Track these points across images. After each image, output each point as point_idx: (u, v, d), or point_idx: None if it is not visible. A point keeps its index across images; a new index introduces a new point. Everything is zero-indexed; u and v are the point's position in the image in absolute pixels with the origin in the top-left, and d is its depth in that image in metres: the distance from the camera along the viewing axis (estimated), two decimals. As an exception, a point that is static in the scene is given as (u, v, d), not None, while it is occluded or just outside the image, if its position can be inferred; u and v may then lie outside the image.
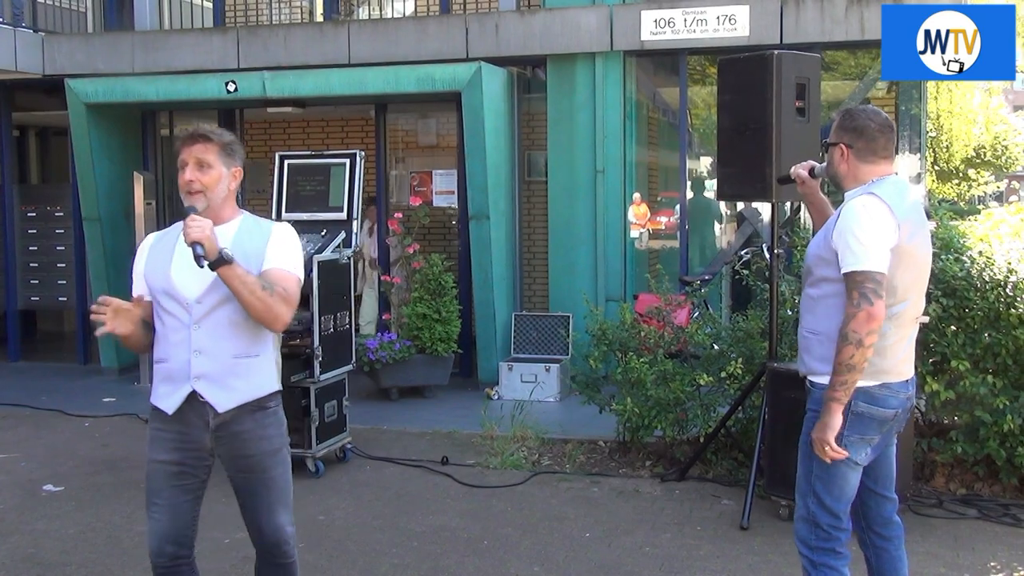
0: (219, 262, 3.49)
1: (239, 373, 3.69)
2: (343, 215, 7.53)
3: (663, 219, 11.36)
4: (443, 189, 10.92)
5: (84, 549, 5.73)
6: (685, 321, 7.68)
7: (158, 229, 10.23)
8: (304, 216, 7.57)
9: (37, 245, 11.84)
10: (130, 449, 7.94)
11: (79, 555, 5.63)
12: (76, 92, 10.34)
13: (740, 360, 6.79)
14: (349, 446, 7.54)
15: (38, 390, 10.06)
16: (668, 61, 10.42)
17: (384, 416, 8.83)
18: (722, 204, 11.34)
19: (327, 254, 7.19)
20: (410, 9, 12.89)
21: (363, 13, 12.94)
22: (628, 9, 9.73)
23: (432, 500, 6.58)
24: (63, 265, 11.74)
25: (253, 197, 12.10)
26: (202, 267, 3.49)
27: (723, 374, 6.84)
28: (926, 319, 4.76)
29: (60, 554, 5.66)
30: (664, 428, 7.07)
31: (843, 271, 3.65)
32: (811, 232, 4.34)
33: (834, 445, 3.66)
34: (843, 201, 3.81)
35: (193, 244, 3.49)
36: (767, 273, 6.58)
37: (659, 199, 11.48)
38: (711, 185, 11.04)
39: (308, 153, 9.04)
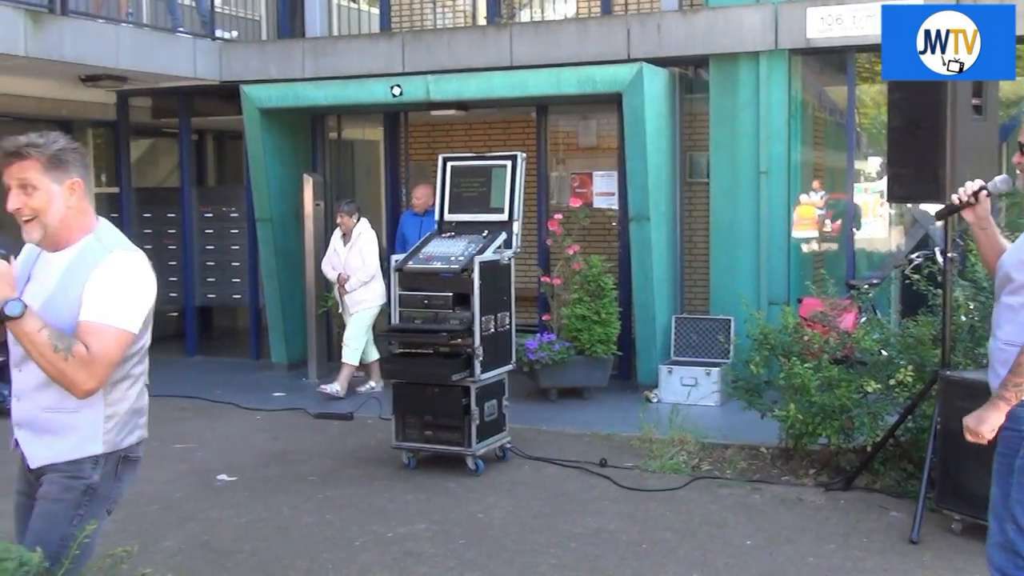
0: (8, 316, 2.95)
1: (52, 429, 3.16)
2: (504, 216, 7.60)
3: (829, 221, 11.06)
4: (603, 190, 10.88)
5: (255, 538, 5.95)
6: (852, 326, 7.45)
7: (326, 229, 10.66)
8: (466, 217, 7.69)
9: (213, 245, 12.35)
10: (298, 443, 8.21)
11: (250, 543, 5.85)
12: (251, 98, 10.75)
13: (910, 367, 6.55)
14: (508, 445, 7.60)
15: (213, 384, 10.50)
16: (835, 59, 10.14)
17: (543, 417, 8.88)
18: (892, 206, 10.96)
19: (488, 255, 7.27)
20: (571, 11, 12.92)
21: (524, 16, 13.03)
22: (793, 7, 9.51)
23: (590, 502, 6.58)
24: (237, 264, 12.22)
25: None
26: None
27: (892, 381, 6.62)
28: None
29: (233, 542, 5.89)
30: (829, 436, 6.89)
31: None
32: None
33: (984, 438, 3.51)
34: None
35: None
36: (939, 278, 6.34)
37: (826, 200, 11.18)
38: (881, 186, 10.69)
39: (470, 155, 9.16)
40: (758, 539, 5.86)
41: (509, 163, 7.68)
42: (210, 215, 12.39)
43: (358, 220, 9.95)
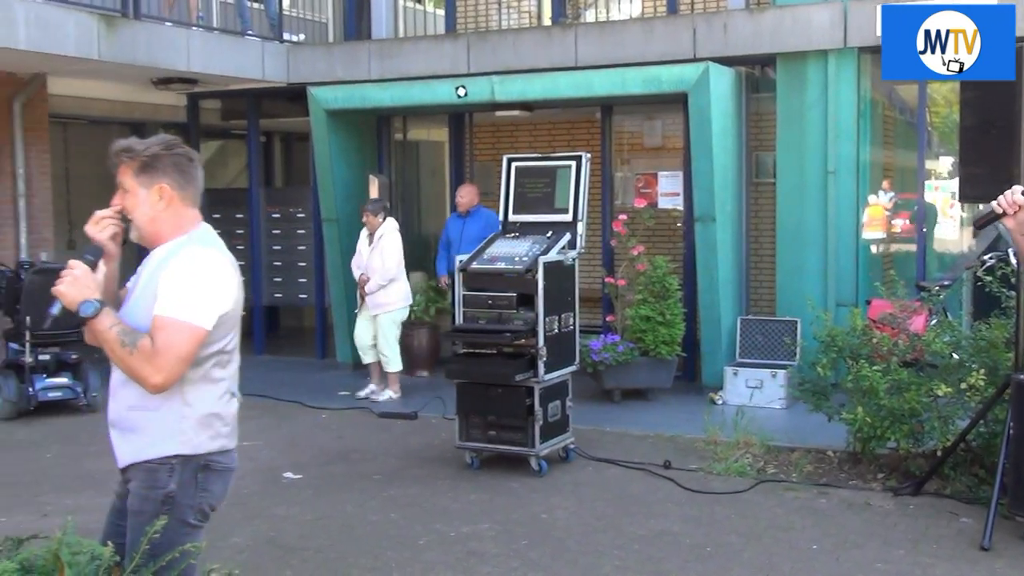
0: (83, 317, 3.09)
1: (134, 427, 3.24)
2: (568, 217, 7.59)
3: (899, 222, 10.90)
4: (668, 191, 10.83)
5: (320, 535, 6.01)
6: (922, 328, 7.34)
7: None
8: (530, 218, 7.69)
9: (280, 245, 12.50)
10: (362, 441, 8.28)
11: (316, 541, 5.91)
12: (318, 99, 10.86)
13: (982, 371, 6.43)
14: (572, 446, 7.59)
15: (279, 382, 10.62)
16: (906, 57, 9.97)
17: (606, 418, 8.85)
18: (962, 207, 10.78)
19: (552, 255, 7.26)
20: (636, 11, 12.88)
21: (590, 16, 13.01)
22: (863, 4, 9.37)
23: (654, 503, 6.55)
24: (304, 264, 12.36)
25: (481, 199, 12.37)
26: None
27: (963, 385, 6.50)
28: None
29: (298, 539, 5.95)
30: (898, 439, 6.79)
31: None
32: None
33: None
34: None
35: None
36: (1013, 279, 6.20)
37: (895, 201, 11.02)
38: (952, 186, 10.50)
39: (535, 156, 9.16)
40: (824, 544, 5.78)
41: (574, 163, 7.67)
42: (277, 216, 12.54)
43: (384, 220, 9.78)
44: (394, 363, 9.79)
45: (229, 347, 3.31)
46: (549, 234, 7.49)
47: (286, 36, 12.11)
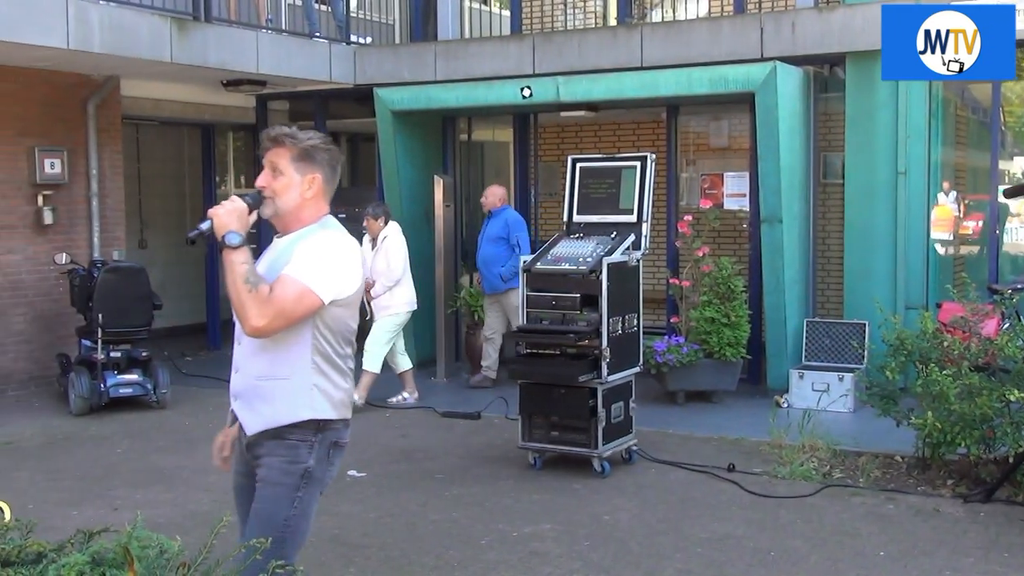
0: (222, 243, 3.31)
1: (263, 396, 3.42)
2: (633, 217, 7.56)
3: (971, 223, 10.69)
4: (734, 191, 10.73)
5: (384, 533, 6.06)
6: (994, 332, 7.19)
7: (456, 230, 10.78)
8: (594, 218, 7.68)
9: (347, 245, 12.57)
10: (426, 440, 8.33)
11: (379, 538, 5.96)
12: (384, 100, 10.95)
13: (1057, 376, 6.29)
14: (635, 448, 7.57)
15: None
16: (979, 55, 9.79)
17: (670, 420, 8.81)
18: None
19: (616, 256, 7.24)
20: (703, 10, 12.79)
21: (656, 16, 12.95)
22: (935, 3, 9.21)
23: (717, 507, 6.50)
24: (370, 264, 12.42)
25: (545, 200, 12.39)
26: (190, 241, 3.46)
27: (1037, 390, 6.37)
28: None
29: (362, 536, 6.01)
30: (968, 445, 6.65)
31: None
32: None
33: None
34: None
35: (205, 219, 3.39)
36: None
37: (967, 202, 10.81)
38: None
39: (600, 156, 9.14)
40: (892, 550, 5.70)
41: (639, 164, 7.64)
42: (343, 215, 12.43)
43: (386, 224, 9.62)
44: (374, 364, 9.45)
45: (348, 332, 3.50)
46: (613, 235, 7.47)
47: (353, 38, 12.23)
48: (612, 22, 12.84)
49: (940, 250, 10.12)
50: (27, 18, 8.63)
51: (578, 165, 7.88)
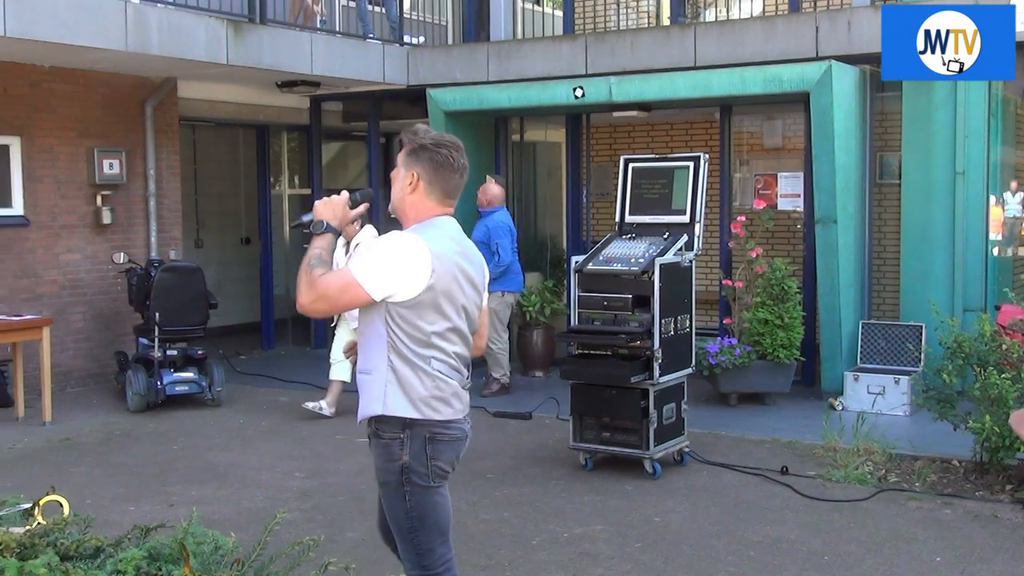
0: (311, 231, 3.56)
1: (360, 388, 3.63)
2: (685, 218, 7.52)
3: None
4: (788, 192, 10.63)
5: (434, 532, 6.06)
6: (1054, 335, 7.06)
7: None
8: (647, 219, 7.64)
9: (397, 246, 12.63)
10: (477, 440, 8.26)
11: (430, 537, 5.97)
12: (436, 101, 10.99)
13: (1120, 380, 6.17)
14: (687, 450, 7.53)
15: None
16: (1041, 53, 9.62)
17: (722, 421, 8.75)
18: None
19: (669, 257, 7.21)
20: (757, 9, 12.69)
21: (709, 15, 12.88)
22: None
23: (770, 510, 6.45)
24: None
25: (597, 199, 12.37)
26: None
27: (1099, 395, 6.25)
28: None
29: (413, 535, 6.02)
30: (1028, 450, 6.55)
31: None
32: None
33: None
34: None
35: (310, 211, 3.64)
36: None
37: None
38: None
39: (652, 156, 9.10)
40: (948, 556, 5.62)
41: (692, 164, 7.60)
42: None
43: (361, 228, 9.03)
44: (343, 372, 8.99)
45: (437, 330, 3.52)
46: (666, 235, 7.43)
47: (406, 39, 12.29)
48: (665, 22, 12.79)
49: (998, 251, 9.95)
50: (86, 21, 8.78)
51: (630, 165, 7.85)
